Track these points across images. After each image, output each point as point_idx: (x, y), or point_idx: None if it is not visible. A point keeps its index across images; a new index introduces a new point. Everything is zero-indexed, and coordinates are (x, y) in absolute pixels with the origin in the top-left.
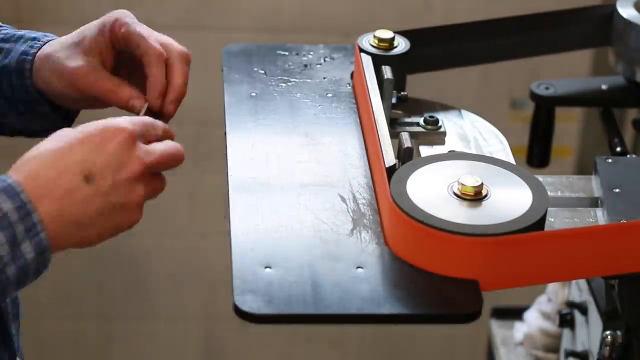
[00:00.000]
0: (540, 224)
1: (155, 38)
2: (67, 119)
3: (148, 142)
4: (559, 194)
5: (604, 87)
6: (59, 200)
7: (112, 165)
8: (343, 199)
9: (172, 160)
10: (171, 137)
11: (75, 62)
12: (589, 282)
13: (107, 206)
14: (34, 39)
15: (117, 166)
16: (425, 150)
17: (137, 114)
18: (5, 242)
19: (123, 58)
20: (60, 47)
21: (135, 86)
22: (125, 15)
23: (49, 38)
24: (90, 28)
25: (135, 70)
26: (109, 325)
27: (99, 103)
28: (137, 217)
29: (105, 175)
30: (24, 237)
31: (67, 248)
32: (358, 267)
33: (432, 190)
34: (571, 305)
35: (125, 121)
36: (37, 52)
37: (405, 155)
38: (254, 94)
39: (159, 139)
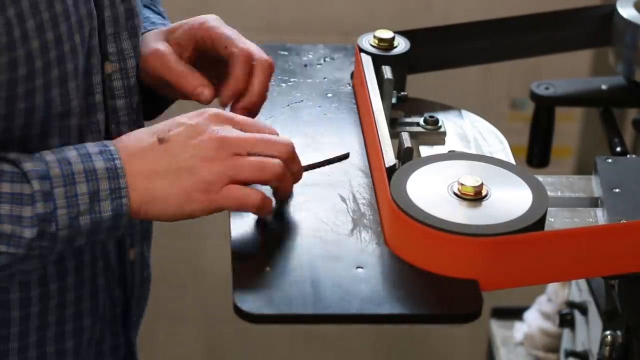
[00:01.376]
0: (540, 224)
1: (243, 42)
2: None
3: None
4: (559, 194)
5: (604, 87)
6: (132, 158)
7: (188, 132)
8: (343, 199)
9: (265, 145)
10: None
11: (155, 45)
12: (589, 282)
13: (173, 166)
14: (152, 22)
15: (192, 134)
16: (425, 150)
17: (204, 105)
18: (86, 193)
19: (203, 60)
20: (153, 33)
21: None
22: (214, 18)
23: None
24: (182, 24)
25: (212, 73)
26: None
27: (172, 91)
28: (204, 193)
29: (178, 139)
30: (107, 196)
31: (144, 213)
32: (358, 267)
33: (432, 190)
34: (571, 305)
35: (217, 108)
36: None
37: (405, 155)
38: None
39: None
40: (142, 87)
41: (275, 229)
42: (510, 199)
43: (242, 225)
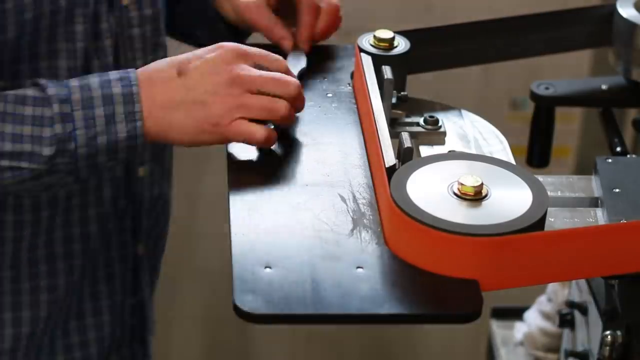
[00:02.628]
0: (540, 224)
1: None
2: (239, 38)
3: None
4: (559, 194)
5: (604, 87)
6: (153, 87)
7: (205, 68)
8: (343, 199)
9: (274, 84)
10: (284, 71)
11: None
12: (589, 282)
13: (189, 99)
14: None
15: (208, 70)
16: (425, 150)
17: (286, 54)
18: (103, 116)
19: (283, 4)
20: None
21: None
22: None
23: None
24: None
25: (291, 16)
26: None
27: (253, 30)
28: (215, 126)
29: (196, 74)
30: (122, 119)
31: (159, 137)
32: (358, 267)
33: (432, 190)
34: (571, 305)
35: (233, 43)
36: None
37: (405, 155)
38: None
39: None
40: (226, 22)
41: (275, 229)
42: (510, 199)
43: (242, 225)
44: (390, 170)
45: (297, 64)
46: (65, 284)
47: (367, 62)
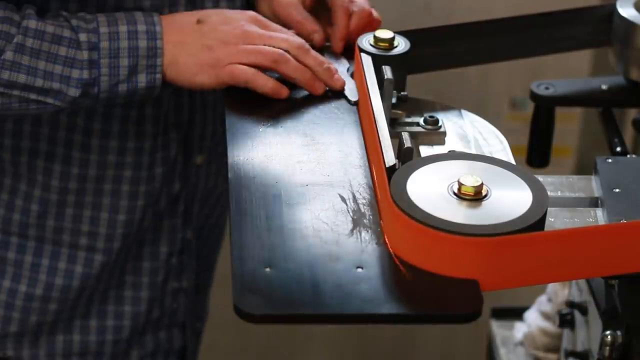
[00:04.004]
0: (540, 224)
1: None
2: None
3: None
4: (559, 194)
5: (604, 87)
6: (172, 28)
7: (222, 20)
8: (343, 199)
9: (279, 40)
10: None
11: None
12: (589, 282)
13: (199, 42)
14: None
15: (225, 22)
16: (425, 150)
17: (317, 48)
18: (127, 67)
19: (320, 5)
20: None
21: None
22: None
23: None
24: None
25: (325, 17)
26: None
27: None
28: (213, 67)
29: (212, 23)
30: (144, 69)
31: (167, 72)
32: (358, 267)
33: (432, 190)
34: (571, 305)
35: (248, 25)
36: None
37: (405, 155)
38: (254, 94)
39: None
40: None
41: (275, 229)
42: (510, 199)
43: (242, 225)
44: (390, 170)
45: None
46: (107, 251)
47: (367, 62)
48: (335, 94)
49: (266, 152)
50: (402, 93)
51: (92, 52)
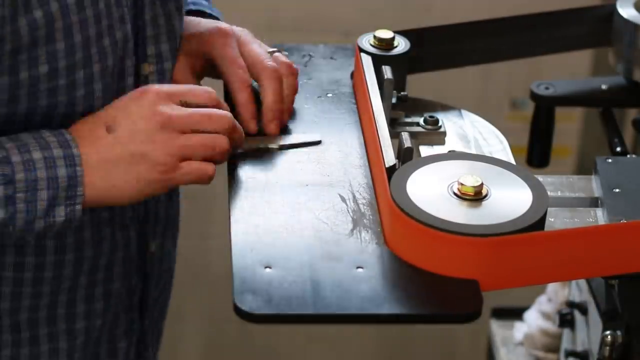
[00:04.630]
0: (540, 224)
1: (241, 61)
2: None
3: (186, 106)
4: (559, 194)
5: (604, 87)
6: (85, 147)
7: (133, 118)
8: (343, 199)
9: (208, 121)
10: (218, 106)
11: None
12: (589, 282)
13: (127, 154)
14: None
15: (136, 119)
16: (425, 150)
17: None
18: (45, 200)
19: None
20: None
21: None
22: (221, 34)
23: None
24: (203, 32)
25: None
26: None
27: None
28: (162, 173)
29: (126, 126)
30: (63, 201)
31: (100, 202)
32: (358, 267)
33: (432, 190)
34: (571, 305)
35: (155, 85)
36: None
37: (405, 155)
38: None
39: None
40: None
41: (275, 229)
42: (510, 199)
43: (242, 224)
44: (390, 170)
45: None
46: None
47: (367, 62)
48: (336, 94)
49: (266, 152)
50: (402, 93)
51: (7, 187)
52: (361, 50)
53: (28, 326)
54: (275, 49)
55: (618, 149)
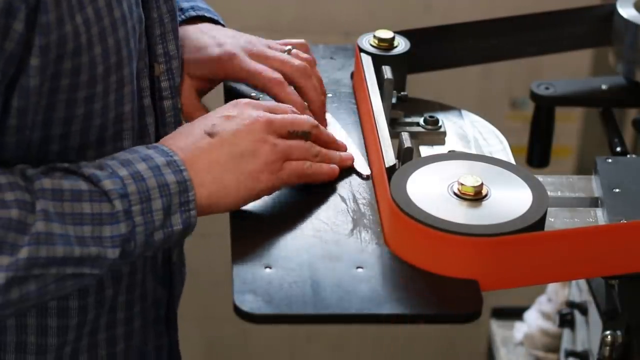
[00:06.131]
0: (540, 224)
1: (270, 65)
2: None
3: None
4: (559, 194)
5: (604, 87)
6: (189, 153)
7: (233, 122)
8: (343, 199)
9: (299, 123)
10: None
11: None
12: (589, 282)
13: (236, 153)
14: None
15: (238, 122)
16: (425, 150)
17: None
18: (161, 209)
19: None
20: (188, 50)
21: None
22: (235, 49)
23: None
24: (213, 57)
25: None
26: None
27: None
28: (272, 172)
29: (228, 129)
30: (177, 209)
31: (213, 206)
32: (358, 267)
33: (432, 190)
34: (571, 305)
35: (260, 112)
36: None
37: (405, 155)
38: (254, 94)
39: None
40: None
41: (275, 229)
42: (510, 199)
43: (242, 225)
44: (390, 170)
45: None
46: None
47: (367, 62)
48: (336, 94)
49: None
50: (402, 93)
51: (123, 201)
52: (361, 50)
53: (71, 356)
54: (289, 48)
55: (618, 149)
